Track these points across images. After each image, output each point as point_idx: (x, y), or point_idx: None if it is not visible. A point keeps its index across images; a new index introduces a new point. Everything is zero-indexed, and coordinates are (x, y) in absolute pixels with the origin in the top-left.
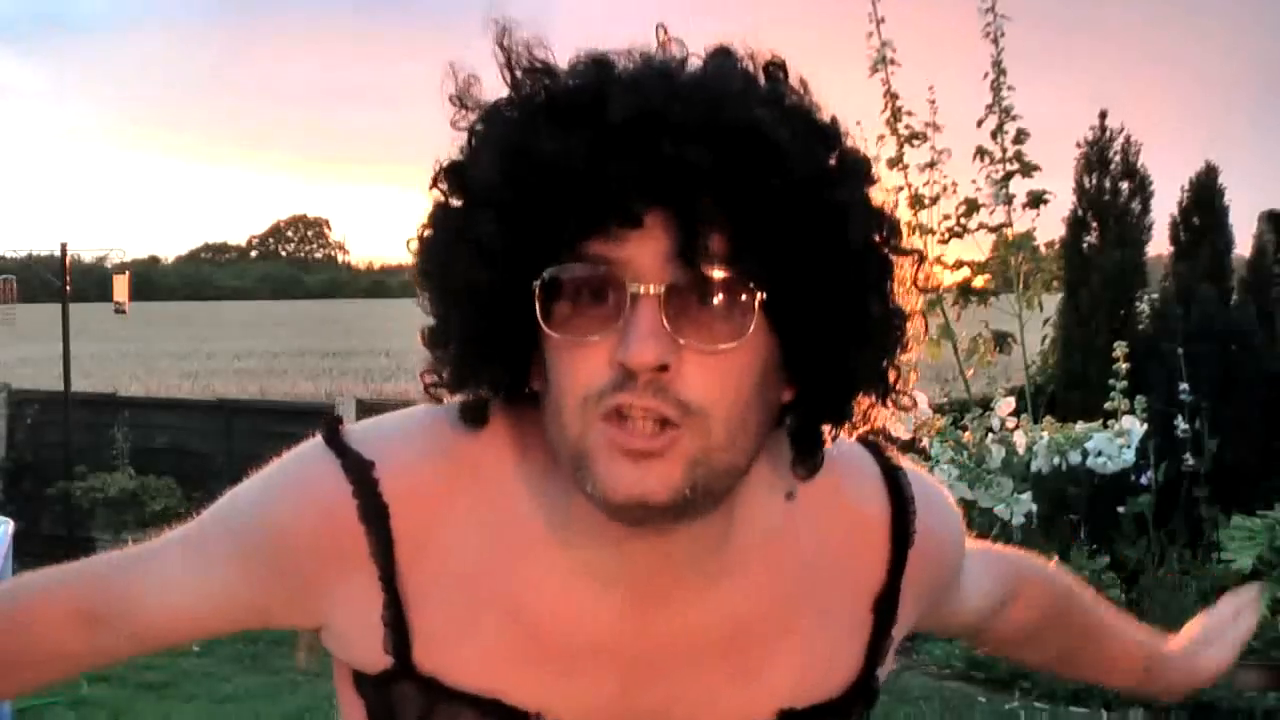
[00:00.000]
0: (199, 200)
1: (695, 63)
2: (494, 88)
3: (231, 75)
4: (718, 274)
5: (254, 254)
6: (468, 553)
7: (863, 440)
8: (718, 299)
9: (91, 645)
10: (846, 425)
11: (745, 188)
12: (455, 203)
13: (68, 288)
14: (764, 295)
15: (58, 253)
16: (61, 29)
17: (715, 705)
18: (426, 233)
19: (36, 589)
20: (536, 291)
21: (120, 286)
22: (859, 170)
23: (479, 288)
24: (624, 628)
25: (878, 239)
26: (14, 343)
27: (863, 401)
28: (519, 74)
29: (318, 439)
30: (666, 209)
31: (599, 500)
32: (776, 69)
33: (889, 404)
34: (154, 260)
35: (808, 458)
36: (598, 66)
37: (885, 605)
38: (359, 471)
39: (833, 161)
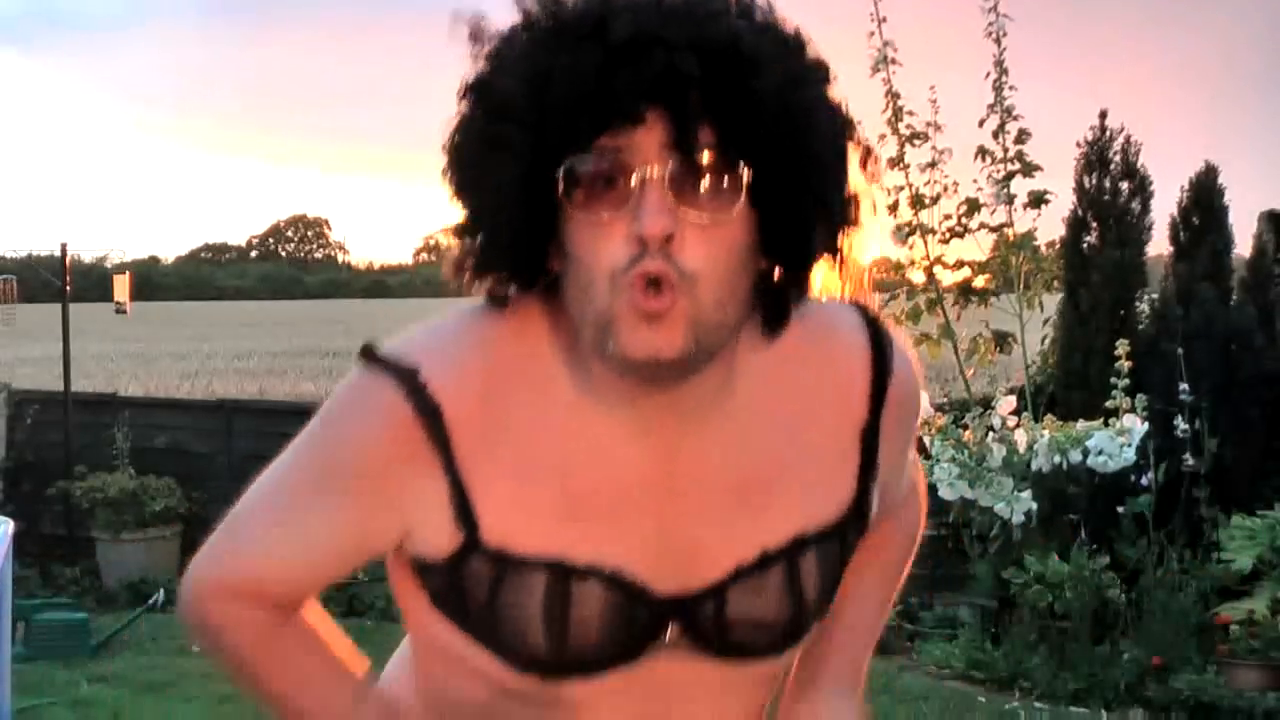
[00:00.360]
0: (199, 200)
1: None
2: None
3: (232, 75)
4: (709, 160)
5: (254, 254)
6: (517, 429)
7: (851, 302)
8: (710, 181)
9: (281, 607)
10: (810, 289)
11: (727, 87)
12: (480, 113)
13: (68, 288)
14: (749, 177)
15: (58, 253)
16: (62, 27)
17: (736, 538)
18: (456, 139)
19: (207, 596)
20: (560, 179)
21: (120, 286)
22: (821, 73)
23: (505, 183)
24: (653, 475)
25: (836, 132)
26: (14, 343)
27: (821, 268)
28: (530, 5)
29: (359, 366)
30: (663, 107)
31: (619, 359)
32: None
33: (841, 262)
34: (154, 260)
35: (775, 320)
36: None
37: (869, 436)
38: (407, 380)
39: (798, 65)
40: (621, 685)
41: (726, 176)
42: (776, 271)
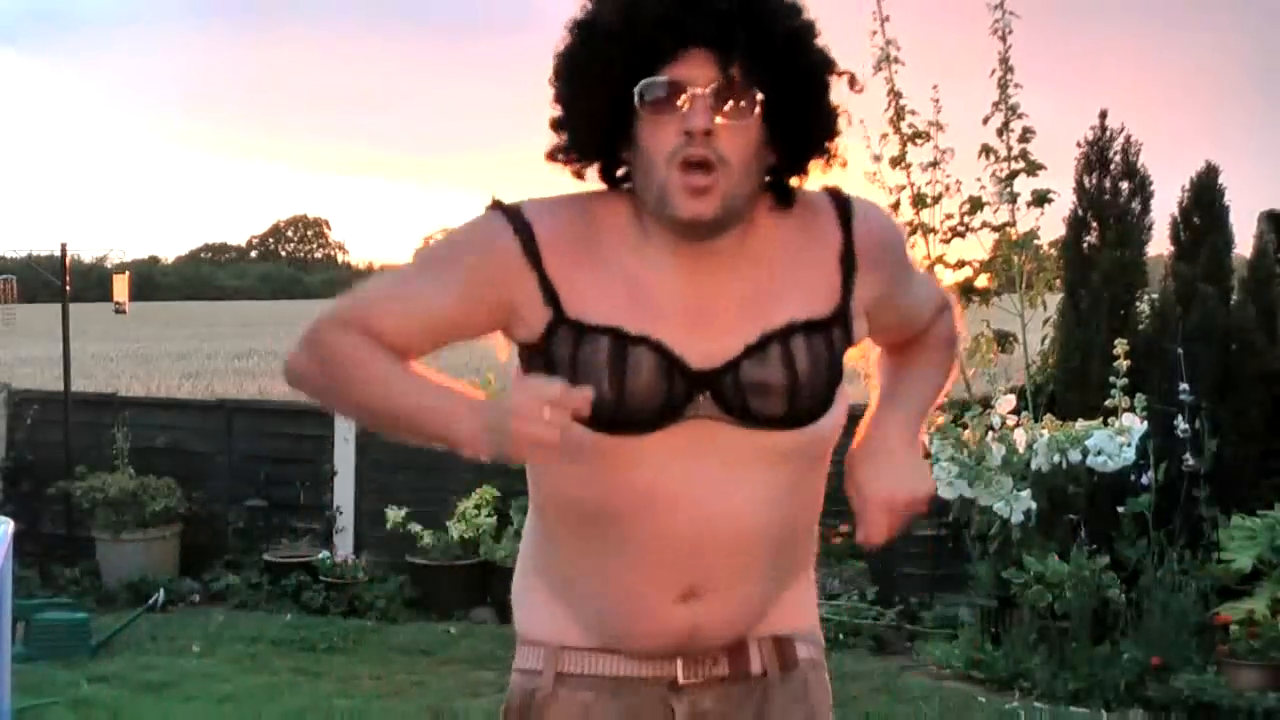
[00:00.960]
0: (199, 200)
1: None
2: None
3: (232, 76)
4: (736, 82)
5: (254, 254)
6: (594, 250)
7: (823, 188)
8: (737, 97)
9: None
10: (803, 176)
11: (751, 35)
12: (581, 42)
13: (68, 288)
14: (762, 95)
15: (58, 253)
16: (62, 28)
17: (743, 329)
18: (562, 58)
19: (322, 328)
20: (637, 94)
21: (120, 286)
22: (812, 27)
23: (598, 92)
24: (686, 291)
25: (822, 67)
26: (14, 343)
27: (811, 165)
28: None
29: (489, 208)
30: (707, 46)
31: (671, 219)
32: None
33: (827, 160)
34: (154, 260)
35: (782, 196)
36: None
37: (847, 257)
38: (510, 213)
39: (798, 22)
40: (667, 443)
41: (748, 95)
42: (783, 169)
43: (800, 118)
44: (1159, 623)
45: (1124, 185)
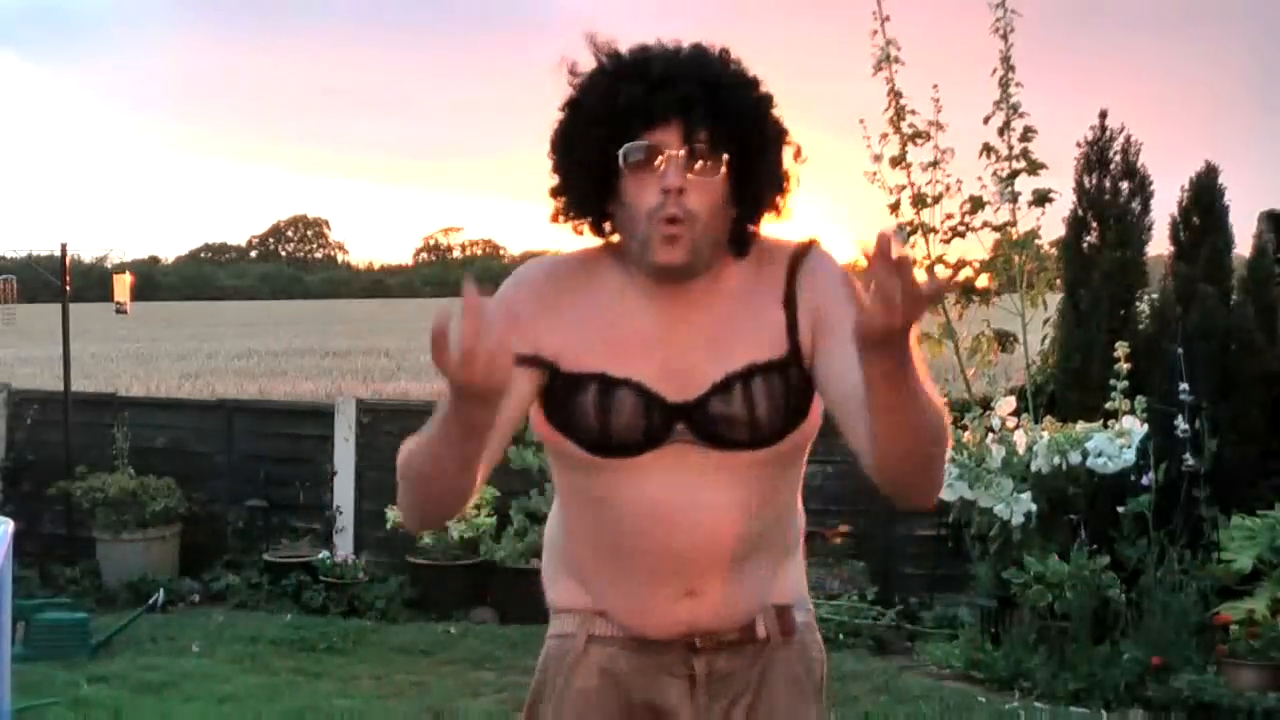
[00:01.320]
0: (200, 201)
1: (688, 47)
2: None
3: (234, 76)
4: (702, 149)
5: (254, 254)
6: (574, 303)
7: (802, 242)
8: (703, 161)
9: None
10: (760, 226)
11: (713, 108)
12: (573, 119)
13: (68, 288)
14: (727, 159)
15: (58, 253)
16: (64, 28)
17: (710, 368)
18: (558, 134)
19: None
20: (622, 156)
21: (121, 286)
22: (768, 98)
23: (588, 161)
24: (661, 333)
25: (775, 136)
26: (14, 343)
27: (766, 214)
28: (603, 55)
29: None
30: (679, 117)
31: (650, 264)
32: (726, 51)
33: (779, 213)
34: (154, 260)
35: (740, 246)
36: (643, 50)
37: (788, 301)
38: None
39: (754, 95)
40: (652, 464)
41: (712, 159)
42: (742, 220)
43: (756, 177)
44: (1159, 623)
45: (1124, 185)
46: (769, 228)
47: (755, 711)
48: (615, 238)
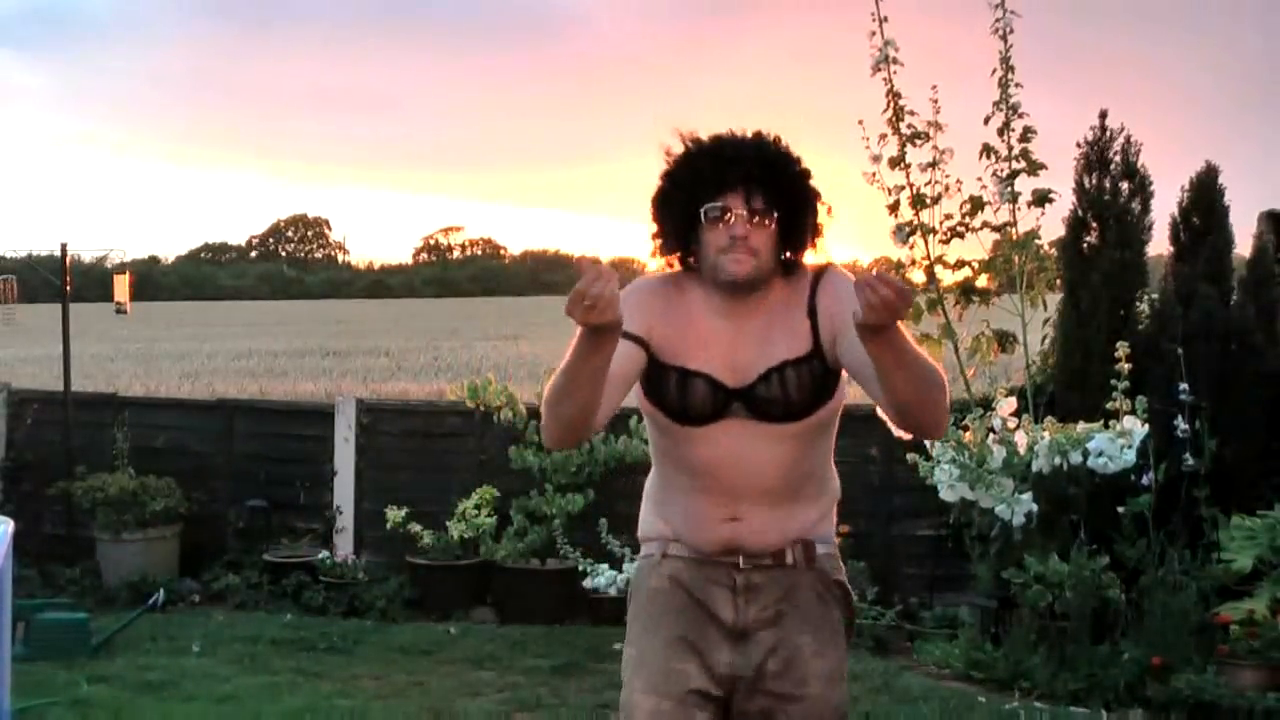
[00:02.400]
0: (200, 201)
1: (750, 134)
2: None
3: (235, 77)
4: (759, 208)
5: (254, 254)
6: (670, 310)
7: (819, 265)
8: (760, 216)
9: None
10: (803, 256)
11: (768, 180)
12: (669, 185)
13: (68, 288)
14: (777, 215)
15: (58, 253)
16: (65, 30)
17: (760, 362)
18: (658, 196)
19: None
20: (704, 214)
21: (121, 286)
22: (806, 171)
23: (679, 215)
24: (727, 334)
25: (812, 197)
26: (14, 343)
27: (806, 250)
28: (689, 142)
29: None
30: (745, 185)
31: (723, 277)
32: (778, 138)
33: (815, 249)
34: (154, 260)
35: (789, 272)
36: (717, 138)
37: (811, 310)
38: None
39: (798, 169)
40: (716, 430)
41: (768, 214)
42: (788, 253)
43: (799, 227)
44: (1159, 623)
45: (1124, 185)
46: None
47: (783, 612)
48: (695, 266)
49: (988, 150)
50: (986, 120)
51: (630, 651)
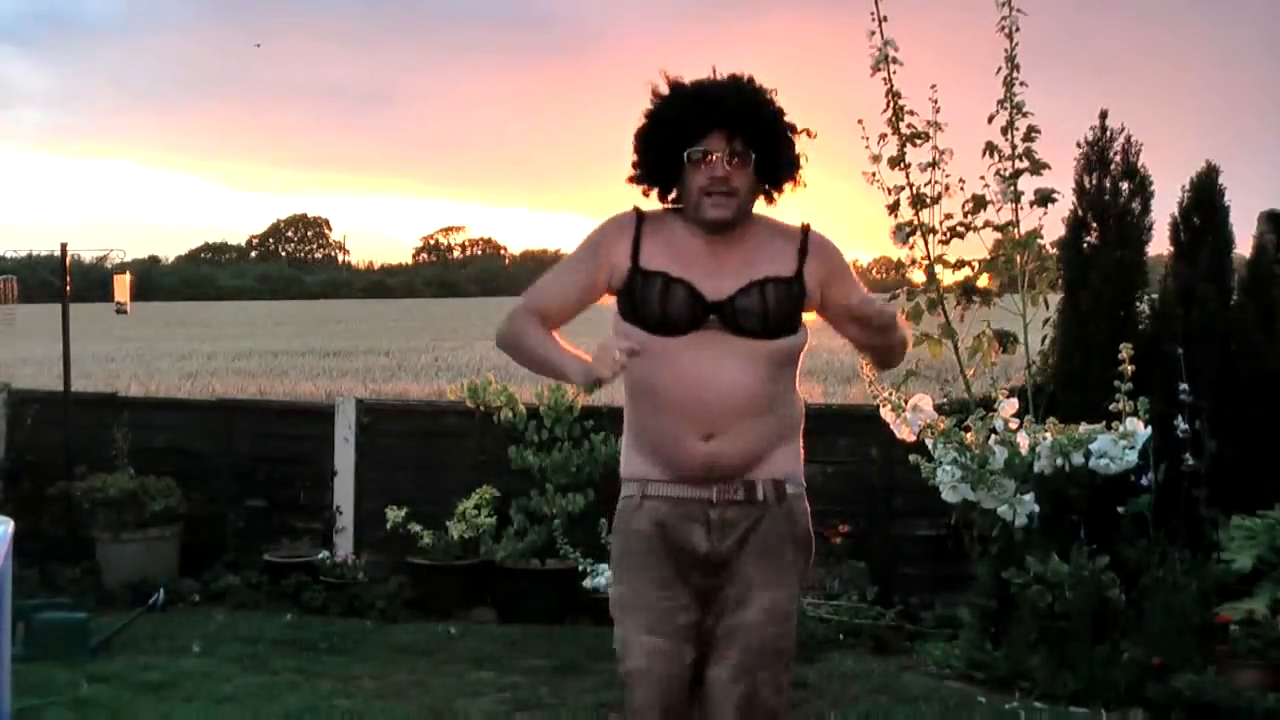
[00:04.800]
0: (200, 201)
1: (727, 78)
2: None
3: (235, 77)
4: (740, 149)
5: (254, 254)
6: (660, 231)
7: (805, 224)
8: (740, 156)
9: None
10: (779, 195)
11: (748, 120)
12: (652, 125)
13: (68, 288)
14: (754, 156)
15: (58, 253)
16: (67, 30)
17: (740, 279)
18: (641, 134)
19: (518, 313)
20: (686, 156)
21: (121, 286)
22: (783, 112)
23: (663, 154)
24: (707, 257)
25: (789, 133)
26: (14, 343)
27: (784, 189)
28: (673, 83)
29: (632, 210)
30: (726, 127)
31: (703, 219)
32: (753, 79)
33: (795, 185)
34: (154, 260)
35: (769, 199)
36: (699, 82)
37: (802, 248)
38: (639, 213)
39: (775, 109)
40: (692, 342)
41: (746, 155)
42: (767, 186)
43: (776, 164)
44: (1159, 623)
45: (1124, 185)
46: (789, 199)
47: (747, 543)
48: (677, 205)
49: (991, 149)
50: (990, 119)
51: (621, 590)
